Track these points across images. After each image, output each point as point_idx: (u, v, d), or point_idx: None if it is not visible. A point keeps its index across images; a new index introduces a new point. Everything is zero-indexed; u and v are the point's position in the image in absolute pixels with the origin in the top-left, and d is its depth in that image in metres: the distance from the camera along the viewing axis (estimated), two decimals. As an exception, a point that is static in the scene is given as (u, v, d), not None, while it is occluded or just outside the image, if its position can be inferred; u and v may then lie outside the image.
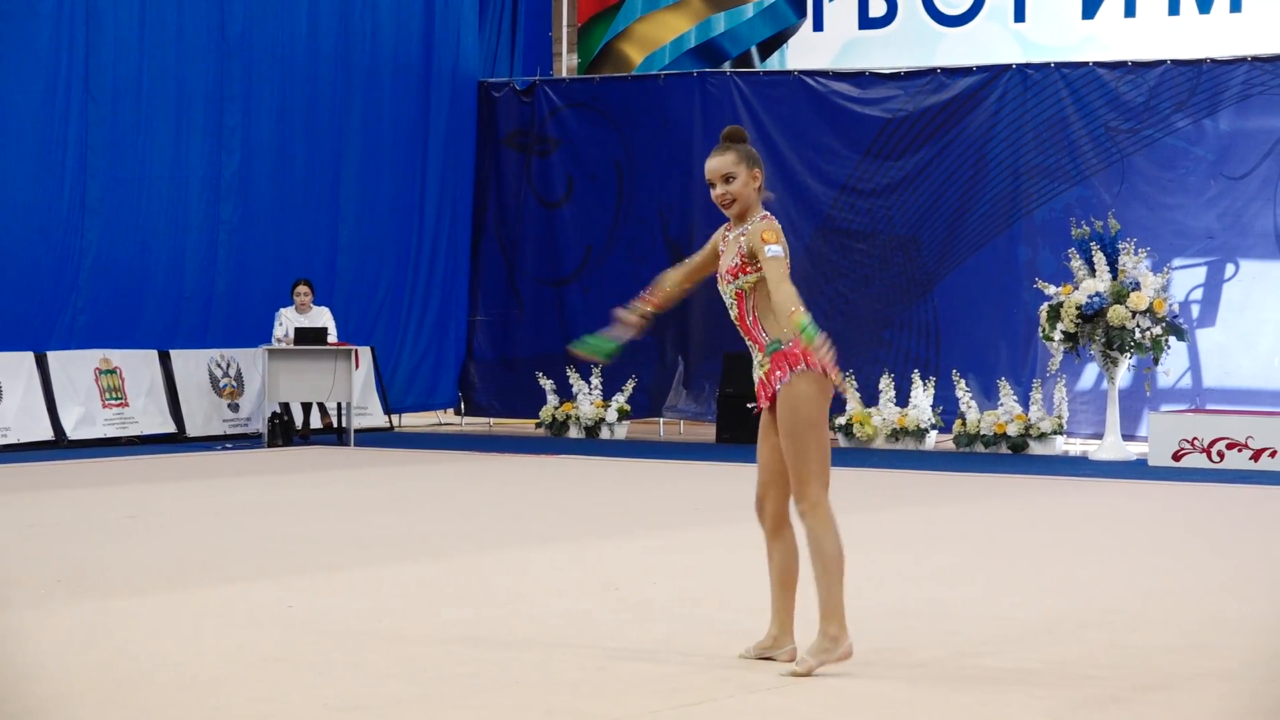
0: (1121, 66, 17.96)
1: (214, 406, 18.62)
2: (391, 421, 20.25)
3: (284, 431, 18.15)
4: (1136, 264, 16.54)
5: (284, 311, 18.51)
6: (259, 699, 6.19)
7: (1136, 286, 16.36)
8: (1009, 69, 18.46)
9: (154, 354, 18.20)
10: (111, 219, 17.79)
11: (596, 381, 19.44)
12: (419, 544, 10.51)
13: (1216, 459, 15.66)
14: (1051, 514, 12.44)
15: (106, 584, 8.79)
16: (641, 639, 7.32)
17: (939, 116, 18.67)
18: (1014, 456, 17.01)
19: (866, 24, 20.14)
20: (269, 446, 17.86)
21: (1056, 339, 16.53)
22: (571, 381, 19.47)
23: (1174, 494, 13.78)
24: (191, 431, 18.30)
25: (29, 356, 17.18)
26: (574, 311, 20.45)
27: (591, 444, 18.65)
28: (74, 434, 17.27)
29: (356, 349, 18.50)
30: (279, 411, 18.18)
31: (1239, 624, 7.78)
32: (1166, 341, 16.45)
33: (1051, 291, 16.69)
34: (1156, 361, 16.56)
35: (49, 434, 17.15)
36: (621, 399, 19.39)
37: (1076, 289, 16.51)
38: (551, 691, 6.32)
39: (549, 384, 19.63)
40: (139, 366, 18.03)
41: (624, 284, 20.19)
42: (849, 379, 17.63)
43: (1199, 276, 17.60)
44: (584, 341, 7.00)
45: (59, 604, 8.14)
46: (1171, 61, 17.76)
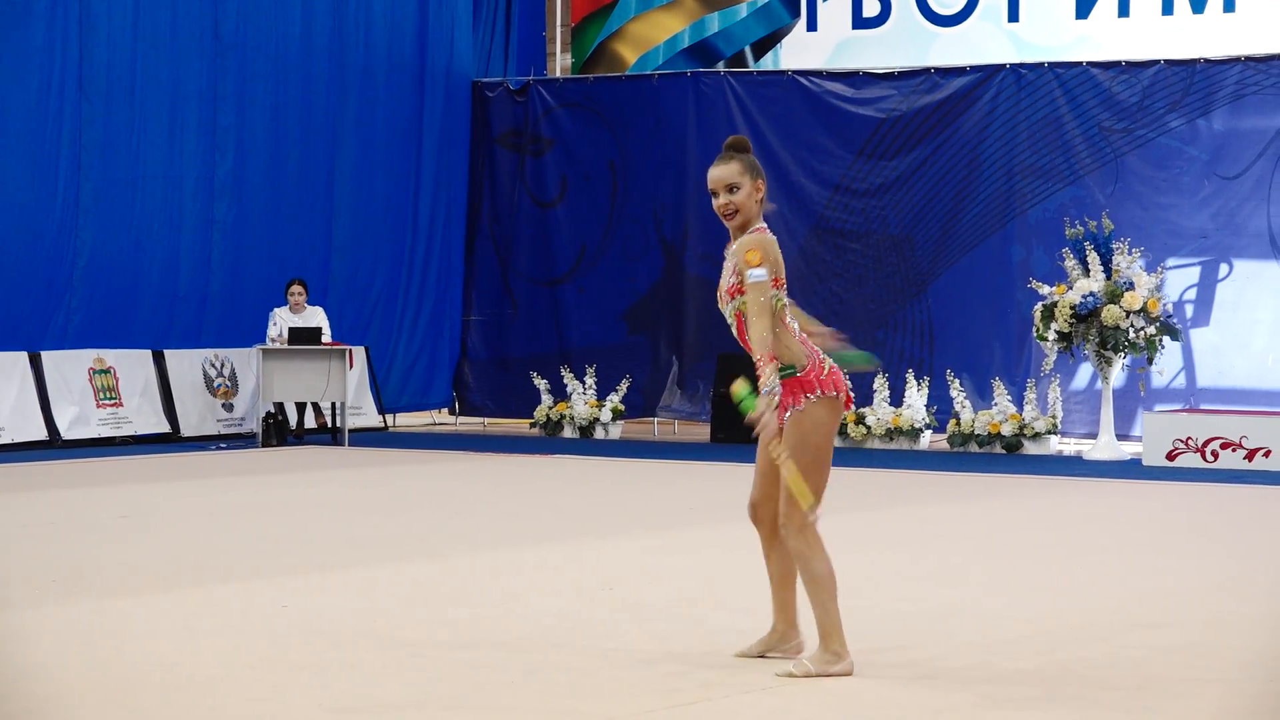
0: (1115, 66, 17.96)
1: (208, 406, 18.61)
2: (386, 421, 20.24)
3: (278, 431, 18.14)
4: (1130, 264, 16.55)
5: (278, 311, 18.50)
6: (254, 699, 6.19)
7: (1130, 286, 16.37)
8: (1003, 69, 18.46)
9: (148, 354, 18.19)
10: (105, 218, 17.78)
11: (591, 382, 19.42)
12: (414, 544, 10.51)
13: (1210, 459, 15.67)
14: (1046, 514, 12.44)
15: (101, 584, 8.79)
16: (637, 639, 7.32)
17: (933, 116, 18.67)
18: (1008, 456, 17.01)
19: (860, 24, 20.15)
20: (263, 446, 17.85)
21: (1051, 339, 16.53)
22: (566, 381, 19.46)
23: (1168, 494, 13.78)
24: (186, 431, 18.28)
25: (23, 356, 17.17)
26: (568, 311, 20.45)
27: (586, 444, 18.64)
28: (68, 434, 17.26)
29: (351, 349, 18.48)
30: (273, 411, 18.17)
31: (1237, 624, 7.78)
32: (1160, 341, 16.46)
33: (1046, 291, 16.69)
34: (1150, 361, 16.57)
35: (43, 434, 17.14)
36: (616, 399, 19.38)
37: (1070, 289, 16.51)
38: (547, 692, 6.32)
39: (543, 384, 19.62)
40: (133, 366, 18.02)
41: (618, 284, 20.22)
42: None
43: (1193, 276, 17.61)
44: (847, 357, 6.81)
45: (54, 604, 8.14)
46: (1165, 61, 17.77)
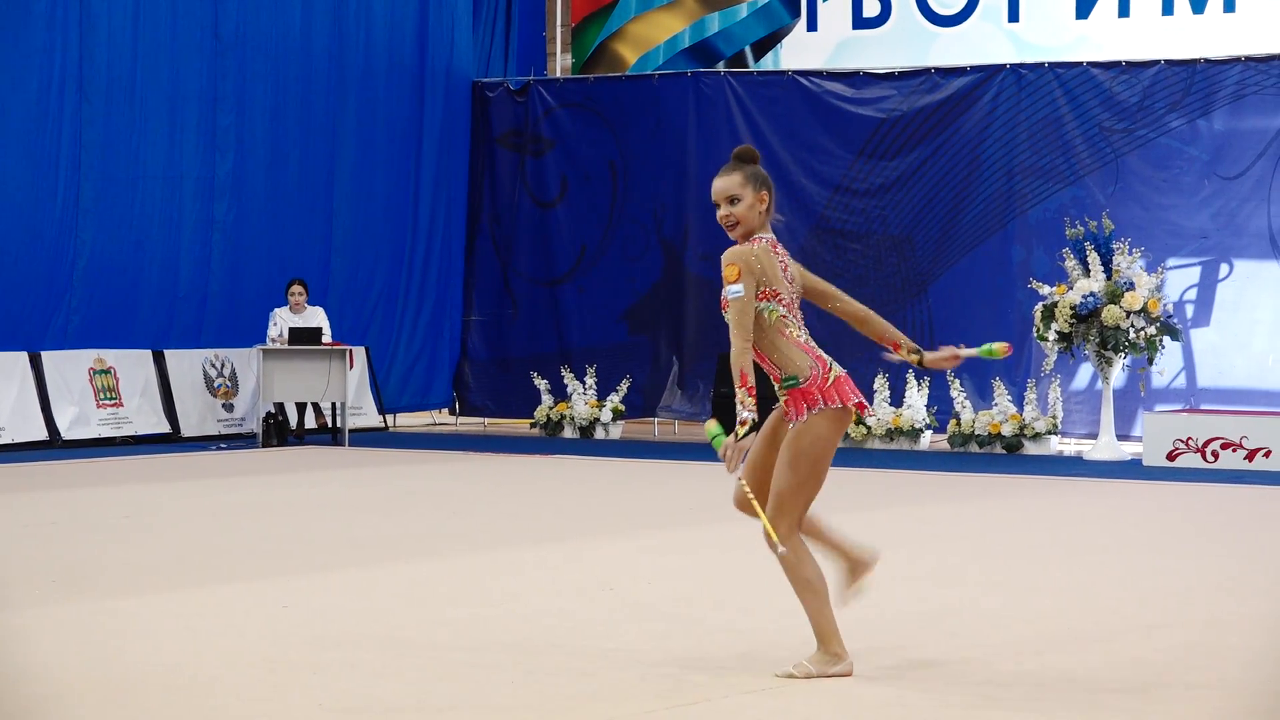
0: (1115, 66, 17.96)
1: (208, 406, 18.61)
2: (386, 421, 20.24)
3: (278, 431, 18.14)
4: (1131, 264, 16.55)
5: (278, 311, 18.50)
6: (255, 699, 6.19)
7: (1131, 286, 16.37)
8: (1003, 69, 18.46)
9: (148, 354, 18.19)
10: (105, 219, 17.78)
11: (591, 382, 19.43)
12: (414, 544, 10.51)
13: (1211, 459, 15.67)
14: (1046, 514, 12.44)
15: (102, 584, 8.78)
16: (637, 639, 7.32)
17: (933, 116, 18.67)
18: (1008, 456, 17.01)
19: (860, 24, 20.14)
20: (263, 446, 17.86)
21: (1051, 339, 16.53)
22: (566, 381, 19.46)
23: (1168, 494, 13.78)
24: (186, 431, 18.28)
25: (23, 356, 17.17)
26: (568, 311, 20.45)
27: (586, 444, 18.64)
28: (68, 434, 17.26)
29: (351, 349, 18.48)
30: (273, 411, 18.17)
31: (1237, 624, 7.78)
32: (1161, 341, 16.45)
33: (1046, 291, 16.69)
34: (1151, 361, 16.56)
35: (43, 434, 17.14)
36: (616, 399, 19.38)
37: (1071, 289, 16.51)
38: (547, 692, 6.32)
39: (543, 384, 19.62)
40: (133, 366, 18.02)
41: (618, 284, 20.22)
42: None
43: (1193, 276, 17.61)
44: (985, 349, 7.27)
45: (54, 604, 8.14)
46: (1165, 61, 17.76)
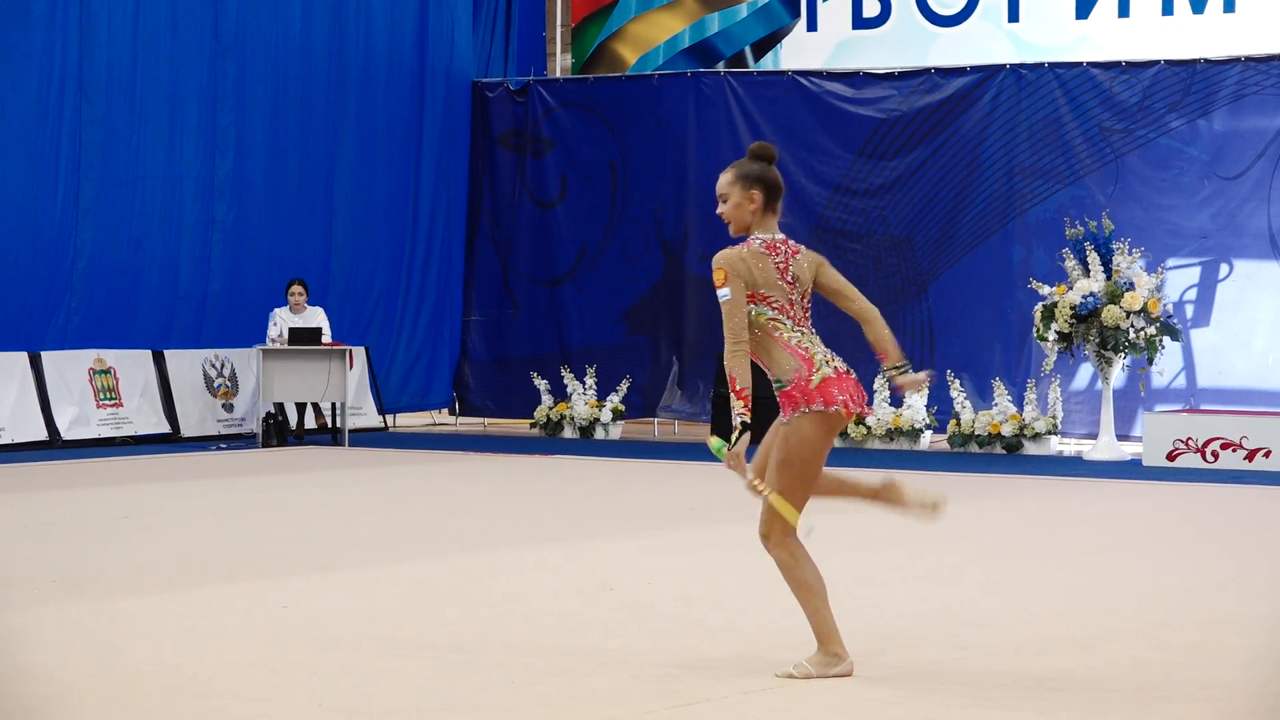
0: (1115, 67, 17.96)
1: (208, 407, 18.61)
2: (386, 422, 20.24)
3: (278, 432, 18.14)
4: (1130, 264, 16.55)
5: (278, 311, 18.50)
6: (254, 699, 6.19)
7: (1131, 287, 16.37)
8: (1003, 69, 18.46)
9: (148, 354, 18.19)
10: (105, 219, 17.78)
11: (591, 382, 19.42)
12: (414, 544, 10.51)
13: (1211, 459, 15.66)
14: (1046, 514, 12.44)
15: (102, 584, 8.79)
16: (636, 639, 7.32)
17: (933, 117, 18.67)
18: (1008, 457, 17.01)
19: (860, 24, 20.14)
20: (263, 447, 17.86)
21: (1051, 339, 16.53)
22: (566, 382, 19.46)
23: (1168, 494, 13.78)
24: (186, 432, 18.28)
25: (23, 357, 17.17)
26: (568, 312, 20.45)
27: (586, 444, 18.64)
28: (68, 434, 17.26)
29: (351, 349, 18.48)
30: (273, 412, 18.17)
31: (1237, 624, 7.78)
32: (1161, 341, 16.45)
33: (1046, 292, 16.69)
34: (1151, 362, 16.56)
35: (43, 434, 17.14)
36: (616, 399, 19.38)
37: (1071, 289, 16.51)
38: (546, 692, 6.32)
39: (543, 384, 19.62)
40: (133, 367, 18.02)
41: (618, 284, 20.22)
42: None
43: (1193, 276, 17.61)
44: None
45: (54, 605, 8.14)
46: (1165, 61, 17.76)
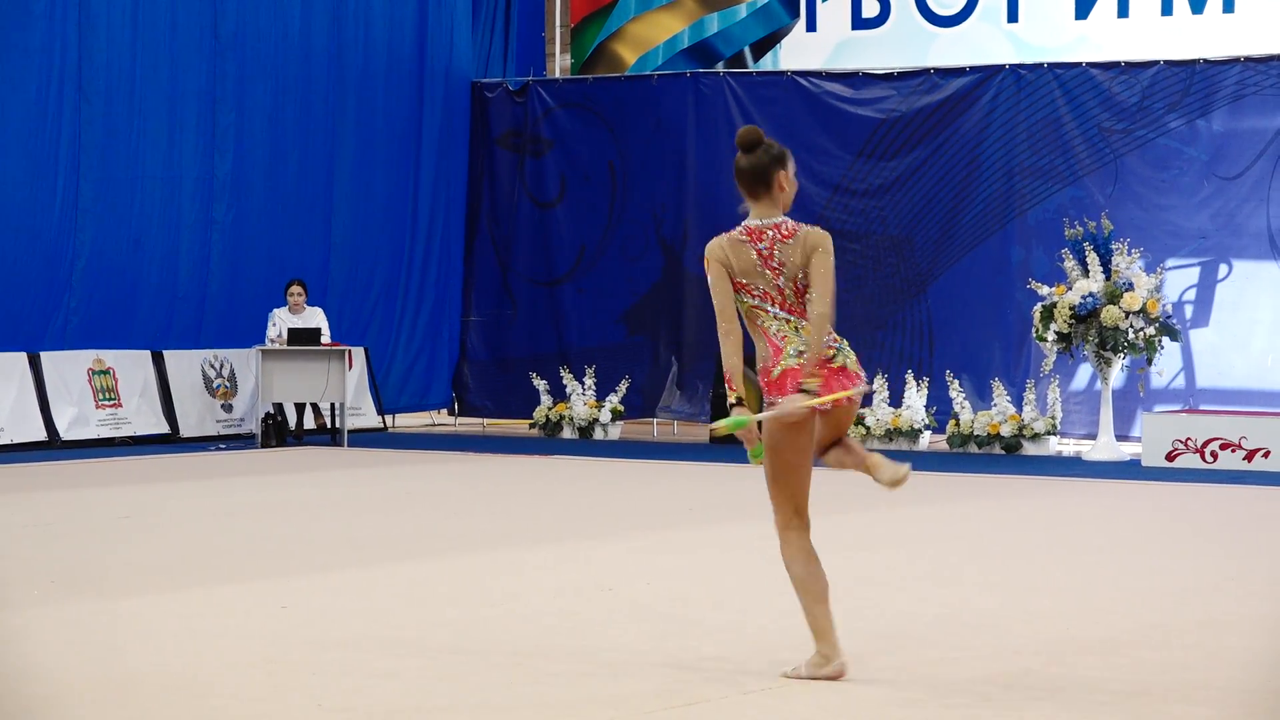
0: (1115, 67, 17.96)
1: (207, 407, 18.60)
2: (385, 422, 20.23)
3: (277, 432, 18.14)
4: (1130, 264, 16.54)
5: (277, 312, 18.50)
6: (254, 699, 6.19)
7: (1130, 287, 16.36)
8: (1002, 69, 18.46)
9: (147, 354, 18.18)
10: (104, 219, 17.77)
11: (590, 382, 19.42)
12: (413, 544, 10.51)
13: (1210, 459, 15.66)
14: (1045, 514, 12.44)
15: (102, 584, 8.79)
16: (635, 639, 7.32)
17: (932, 117, 18.67)
18: (1007, 457, 17.01)
19: (859, 24, 20.14)
20: (262, 447, 17.85)
21: (1050, 339, 16.53)
22: (565, 382, 19.45)
23: (1167, 494, 13.78)
24: (185, 432, 18.28)
25: (22, 357, 17.17)
26: (567, 312, 20.44)
27: (585, 445, 18.64)
28: (67, 434, 17.25)
29: (350, 349, 18.48)
30: (272, 412, 18.17)
31: (1235, 624, 7.78)
32: (1160, 342, 16.45)
33: (1045, 292, 16.69)
34: (1150, 362, 16.56)
35: (42, 434, 17.13)
36: (615, 400, 19.37)
37: (1070, 289, 16.51)
38: (546, 692, 6.32)
39: (543, 384, 19.62)
40: (132, 367, 18.01)
41: (617, 284, 20.21)
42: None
43: (1192, 277, 17.60)
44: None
45: (54, 605, 8.14)
46: (1165, 62, 17.76)
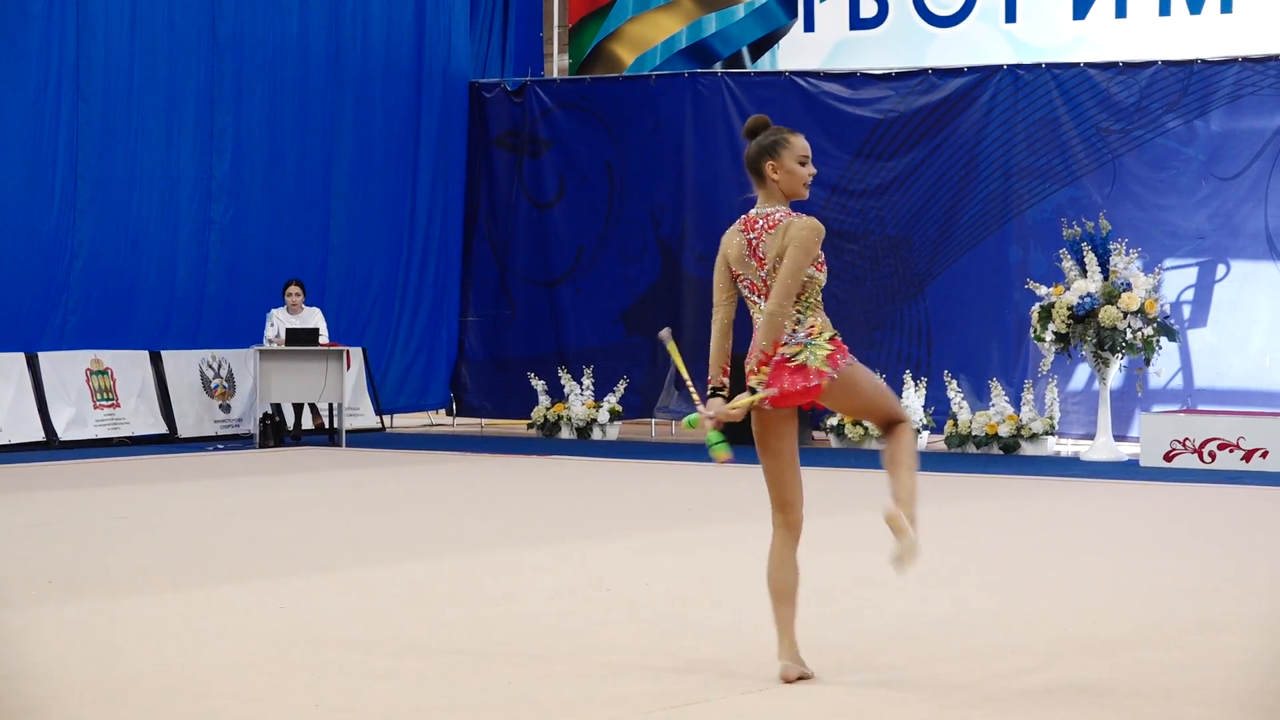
0: (1112, 67, 17.97)
1: (205, 407, 18.61)
2: (383, 422, 20.23)
3: (275, 432, 18.14)
4: (1128, 265, 16.55)
5: (275, 312, 18.49)
6: (254, 699, 6.19)
7: (1128, 287, 16.37)
8: (1000, 70, 18.46)
9: (145, 355, 18.19)
10: (102, 219, 17.78)
11: (588, 383, 19.43)
12: (411, 545, 10.51)
13: (1208, 459, 15.67)
14: (1043, 515, 12.44)
15: (101, 584, 8.79)
16: (634, 640, 7.32)
17: (930, 117, 18.68)
18: (1005, 457, 17.01)
19: (857, 24, 20.15)
20: (260, 447, 17.86)
21: (1048, 340, 16.54)
22: (563, 382, 19.46)
23: (1165, 495, 13.78)
24: (183, 432, 18.28)
25: (20, 357, 17.17)
26: (565, 312, 20.45)
27: (583, 445, 18.64)
28: (65, 435, 17.25)
29: (348, 349, 18.48)
30: (270, 412, 18.17)
31: (1234, 625, 7.78)
32: (1158, 342, 16.46)
33: (1043, 292, 16.69)
34: (1148, 362, 16.57)
35: (40, 435, 17.13)
36: (613, 400, 19.38)
37: (1068, 290, 16.52)
38: (544, 692, 6.32)
39: (541, 385, 19.62)
40: (130, 367, 18.01)
41: (615, 285, 20.22)
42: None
43: (1190, 277, 17.61)
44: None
45: (52, 605, 8.14)
46: (1162, 62, 17.77)
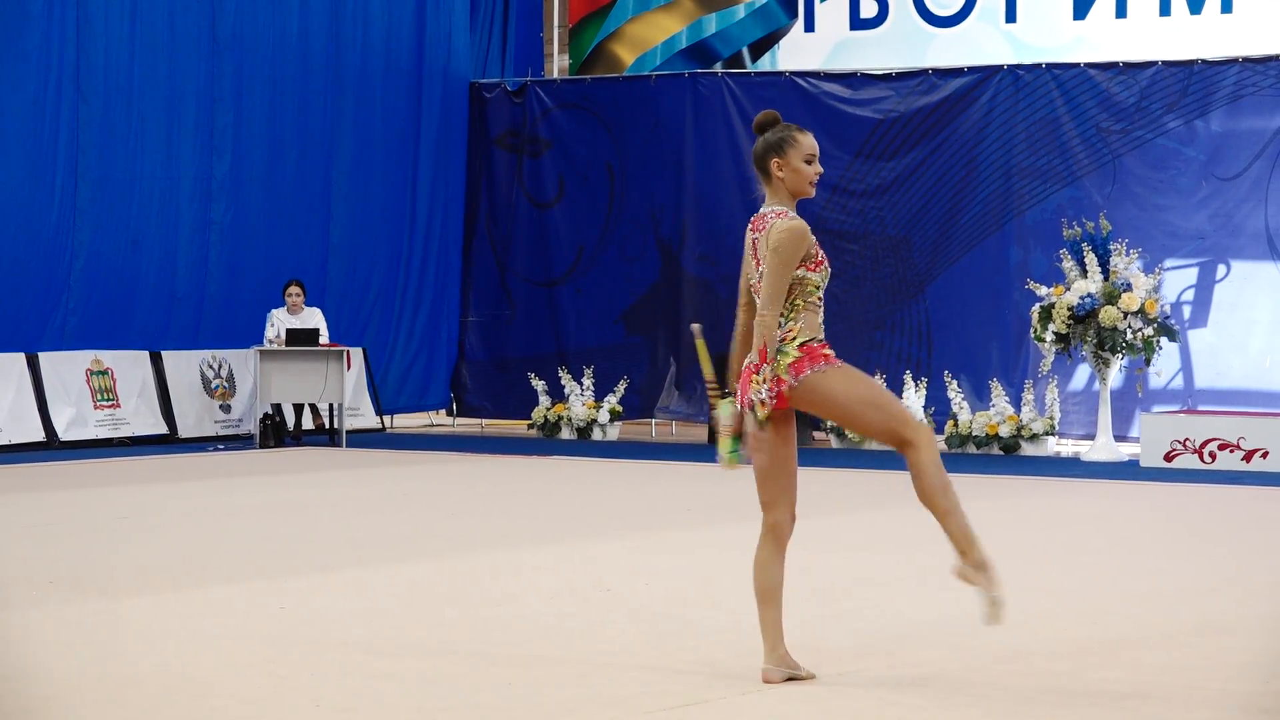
0: (1113, 67, 17.97)
1: (206, 407, 18.61)
2: (383, 422, 20.23)
3: (276, 432, 18.14)
4: (1128, 265, 16.55)
5: (275, 312, 18.49)
6: (254, 699, 6.19)
7: (1128, 287, 16.37)
8: (1000, 70, 18.46)
9: (145, 355, 18.19)
10: (102, 219, 17.78)
11: (588, 383, 19.43)
12: (411, 545, 10.51)
13: (1208, 460, 15.67)
14: (1043, 515, 12.44)
15: (102, 585, 8.78)
16: (633, 640, 7.32)
17: (930, 117, 18.67)
18: (1006, 457, 17.01)
19: (858, 25, 20.15)
20: (261, 448, 17.85)
21: (1048, 340, 16.54)
22: (563, 382, 19.46)
23: (1165, 495, 13.78)
24: (183, 433, 18.28)
25: (20, 358, 17.17)
26: (565, 312, 20.45)
27: (583, 445, 18.64)
28: (65, 435, 17.25)
29: (348, 350, 18.48)
30: (271, 413, 18.17)
31: (1234, 625, 7.78)
32: (1158, 342, 16.46)
33: (1043, 292, 16.69)
34: (1148, 362, 16.57)
35: (40, 435, 17.13)
36: (613, 400, 19.38)
37: (1068, 290, 16.52)
38: (543, 692, 6.32)
39: (541, 385, 19.62)
40: (130, 367, 18.01)
41: (615, 285, 20.22)
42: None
43: (1190, 277, 17.61)
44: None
45: (53, 605, 8.14)
46: (1163, 62, 17.77)
